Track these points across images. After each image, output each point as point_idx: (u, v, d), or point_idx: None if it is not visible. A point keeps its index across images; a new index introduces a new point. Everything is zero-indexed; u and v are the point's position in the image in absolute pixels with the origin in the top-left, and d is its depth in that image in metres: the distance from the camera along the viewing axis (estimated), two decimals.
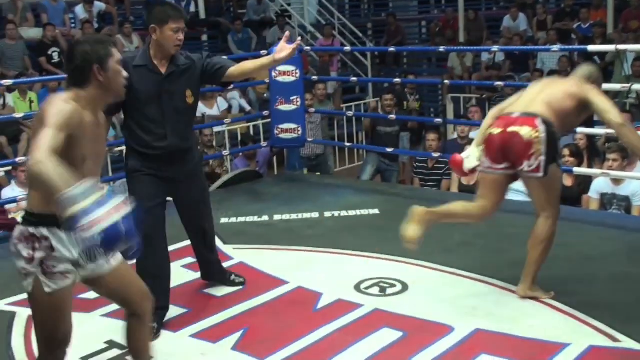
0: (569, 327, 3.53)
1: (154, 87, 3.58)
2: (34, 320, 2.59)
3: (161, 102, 3.59)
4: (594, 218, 5.34)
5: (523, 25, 12.06)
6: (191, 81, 3.69)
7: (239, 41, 12.28)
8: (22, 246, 2.48)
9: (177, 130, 3.65)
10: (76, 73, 2.56)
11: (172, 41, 3.55)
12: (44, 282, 2.48)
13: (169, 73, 3.61)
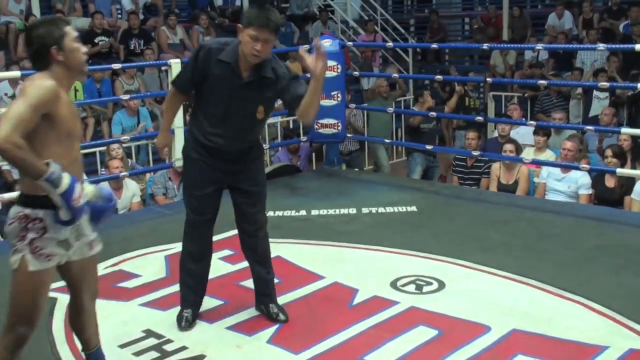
0: (608, 329, 3.48)
1: (229, 88, 3.39)
2: (11, 295, 2.64)
3: (230, 105, 3.42)
4: (636, 220, 5.25)
5: (568, 24, 11.87)
6: (266, 98, 3.48)
7: (281, 35, 12.29)
8: (16, 225, 2.56)
9: (239, 135, 3.50)
10: (36, 57, 2.61)
11: (248, 47, 3.31)
12: (29, 260, 2.56)
13: (249, 81, 3.39)
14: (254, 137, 3.63)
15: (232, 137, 3.48)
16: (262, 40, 3.29)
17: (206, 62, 3.40)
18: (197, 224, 3.69)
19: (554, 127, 7.68)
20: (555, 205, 5.78)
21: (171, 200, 6.61)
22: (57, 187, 2.44)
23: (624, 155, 6.26)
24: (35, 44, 2.60)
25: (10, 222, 2.58)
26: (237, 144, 3.51)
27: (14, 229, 2.57)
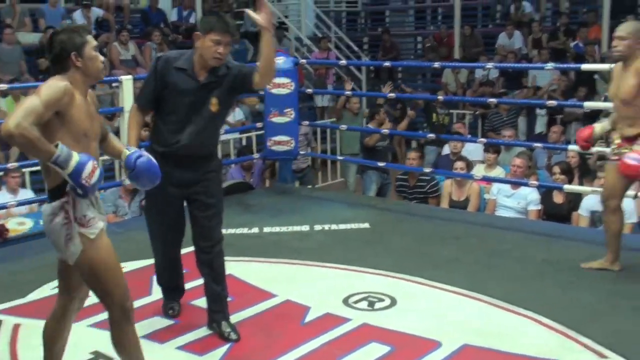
0: (557, 343, 3.53)
1: (187, 92, 3.57)
2: (92, 284, 2.82)
3: (190, 108, 3.59)
4: (584, 235, 5.35)
5: (518, 43, 12.12)
6: (221, 90, 3.65)
7: (235, 52, 12.28)
8: (60, 218, 2.71)
9: (199, 138, 3.62)
10: (56, 61, 2.77)
11: (210, 52, 3.53)
12: (85, 232, 2.73)
13: (205, 83, 3.59)
14: (213, 142, 3.78)
15: (192, 140, 3.60)
16: (223, 43, 3.54)
17: (165, 70, 3.61)
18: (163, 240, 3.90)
19: (503, 144, 7.81)
20: (505, 221, 5.86)
21: (122, 219, 6.52)
22: (64, 168, 2.60)
23: (571, 172, 6.39)
24: (56, 48, 2.76)
25: (50, 218, 2.72)
26: (197, 148, 3.63)
27: (57, 223, 2.71)
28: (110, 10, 12.06)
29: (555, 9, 13.64)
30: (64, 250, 2.75)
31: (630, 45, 4.12)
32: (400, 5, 16.93)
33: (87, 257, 2.75)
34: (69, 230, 2.71)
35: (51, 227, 2.74)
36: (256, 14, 3.46)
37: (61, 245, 2.74)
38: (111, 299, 2.84)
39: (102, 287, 2.82)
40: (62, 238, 2.73)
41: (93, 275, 2.79)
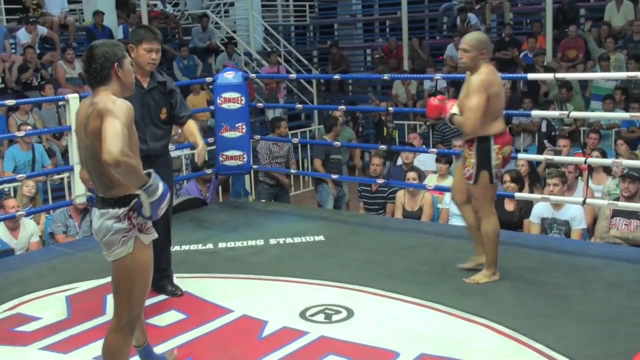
0: (512, 350, 3.57)
1: (137, 98, 3.97)
2: (123, 286, 2.96)
3: (142, 111, 4.16)
4: (535, 242, 5.43)
5: None
6: (166, 101, 4.30)
7: (184, 67, 12.25)
8: (123, 224, 2.90)
9: (155, 136, 4.24)
10: (98, 71, 2.93)
11: (145, 59, 4.15)
12: (141, 237, 2.95)
13: (150, 88, 4.24)
14: (165, 139, 4.36)
15: (150, 139, 4.19)
16: (154, 50, 4.16)
17: None
18: None
19: (455, 154, 7.89)
20: (459, 230, 5.90)
21: (72, 239, 6.40)
22: (150, 196, 2.83)
23: (521, 180, 6.48)
24: (100, 58, 2.92)
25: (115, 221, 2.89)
26: (155, 145, 4.22)
27: (119, 227, 2.89)
28: (54, 28, 11.88)
29: (500, 19, 13.90)
30: (112, 249, 2.92)
31: (474, 56, 4.31)
32: (349, 18, 17.06)
33: (133, 258, 2.94)
34: (128, 234, 2.91)
35: (111, 228, 2.90)
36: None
37: (113, 245, 2.91)
38: (130, 306, 2.98)
39: (126, 294, 2.97)
40: (118, 239, 2.90)
41: (128, 278, 2.95)
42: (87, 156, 2.94)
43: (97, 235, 2.99)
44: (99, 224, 2.94)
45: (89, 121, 2.85)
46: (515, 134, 9.82)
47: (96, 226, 2.96)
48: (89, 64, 2.94)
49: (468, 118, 4.24)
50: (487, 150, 4.30)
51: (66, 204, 6.48)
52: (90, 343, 3.76)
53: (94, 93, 2.96)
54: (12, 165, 7.94)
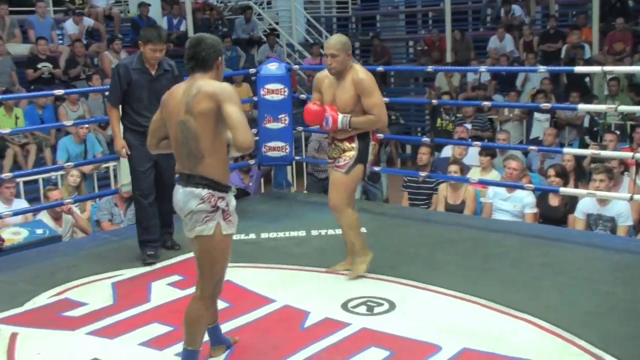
0: (555, 346, 3.54)
1: (146, 83, 4.88)
2: (205, 262, 3.18)
3: (150, 93, 4.81)
4: (580, 238, 5.36)
5: (509, 47, 12.16)
6: (171, 84, 4.38)
7: (227, 59, 12.30)
8: (206, 204, 3.09)
9: None
10: (205, 60, 3.18)
11: (150, 57, 4.86)
12: (223, 226, 3.13)
13: (158, 75, 4.91)
14: None
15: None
16: (159, 50, 4.84)
17: (126, 73, 4.89)
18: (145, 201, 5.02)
19: (498, 147, 7.82)
20: (502, 225, 5.87)
21: (117, 227, 6.50)
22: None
23: (566, 175, 6.40)
24: (209, 48, 3.19)
25: (199, 202, 3.08)
26: None
27: (205, 206, 3.09)
28: (100, 20, 12.05)
29: (545, 12, 13.71)
30: (194, 225, 3.11)
31: (343, 59, 4.30)
32: (391, 9, 16.98)
33: (215, 242, 3.13)
34: (211, 215, 3.09)
35: (196, 208, 3.09)
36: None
37: (196, 222, 3.11)
38: (209, 280, 3.20)
39: (209, 268, 3.19)
40: (201, 217, 3.10)
41: (208, 256, 3.16)
42: (181, 132, 3.11)
43: (180, 212, 3.18)
44: (183, 203, 3.14)
45: (195, 101, 3.07)
46: (560, 127, 9.69)
47: (180, 204, 3.15)
48: (197, 50, 3.17)
49: (381, 114, 4.34)
50: (367, 146, 4.40)
51: (112, 192, 6.59)
52: (135, 329, 3.83)
53: (192, 77, 3.18)
54: (65, 156, 8.09)
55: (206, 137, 3.08)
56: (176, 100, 3.16)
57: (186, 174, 3.14)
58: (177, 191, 3.18)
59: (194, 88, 3.11)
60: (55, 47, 10.76)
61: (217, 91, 3.08)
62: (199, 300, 3.23)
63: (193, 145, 3.09)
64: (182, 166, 3.17)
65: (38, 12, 10.98)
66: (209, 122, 3.07)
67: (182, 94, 3.15)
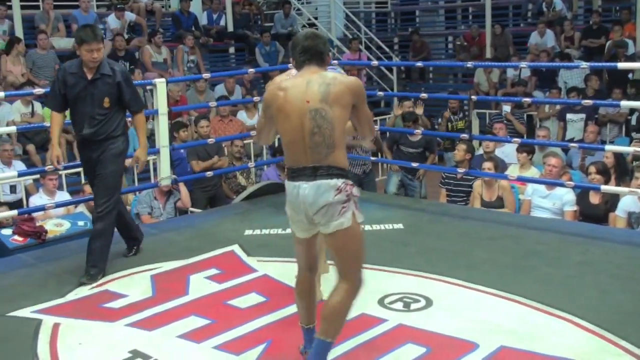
0: (596, 346, 3.49)
1: (82, 88, 4.58)
2: (348, 252, 3.14)
3: (86, 100, 4.58)
4: (621, 236, 5.28)
5: (551, 42, 11.99)
6: (110, 90, 4.61)
7: (266, 54, 12.37)
8: (342, 194, 3.05)
9: (93, 123, 4.58)
10: (322, 53, 3.20)
11: (88, 59, 4.52)
12: (357, 214, 3.10)
13: (94, 79, 4.58)
14: (110, 127, 4.64)
15: (92, 125, 4.58)
16: (95, 50, 4.49)
17: (63, 77, 4.62)
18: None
19: (538, 144, 7.74)
20: (541, 222, 5.81)
21: (157, 220, 6.58)
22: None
23: (607, 172, 6.31)
24: (324, 43, 3.24)
25: (335, 193, 3.04)
26: (96, 131, 4.59)
27: (341, 196, 3.05)
28: (142, 14, 12.18)
29: (588, 6, 13.49)
30: (330, 220, 3.06)
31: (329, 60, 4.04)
32: (430, 5, 16.86)
33: (354, 231, 3.11)
34: (347, 205, 3.05)
35: (334, 199, 3.04)
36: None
37: (332, 215, 3.05)
38: (357, 269, 3.19)
39: (355, 257, 3.18)
40: (338, 209, 3.05)
41: (351, 245, 3.13)
42: (313, 120, 3.05)
43: (309, 207, 3.08)
44: (314, 197, 3.06)
45: (331, 90, 3.06)
46: (602, 124, 9.54)
47: (310, 199, 3.06)
48: (317, 43, 3.19)
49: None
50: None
51: (152, 186, 6.67)
52: (174, 322, 3.88)
53: (310, 69, 3.16)
54: None
55: (339, 127, 3.07)
56: (300, 90, 3.09)
57: (311, 167, 3.07)
58: (297, 187, 3.09)
59: (327, 78, 3.11)
60: None
61: (354, 84, 3.14)
62: (350, 291, 3.17)
63: (327, 134, 3.05)
64: (304, 159, 3.09)
65: (81, 6, 11.14)
66: (343, 113, 3.08)
67: (307, 84, 3.10)
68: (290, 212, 3.21)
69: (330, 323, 3.14)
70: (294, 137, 3.10)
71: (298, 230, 3.22)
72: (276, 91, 3.16)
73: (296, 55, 3.22)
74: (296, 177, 3.10)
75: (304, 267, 3.37)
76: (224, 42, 12.95)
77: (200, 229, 5.69)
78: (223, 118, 9.31)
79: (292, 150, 3.13)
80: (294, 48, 3.25)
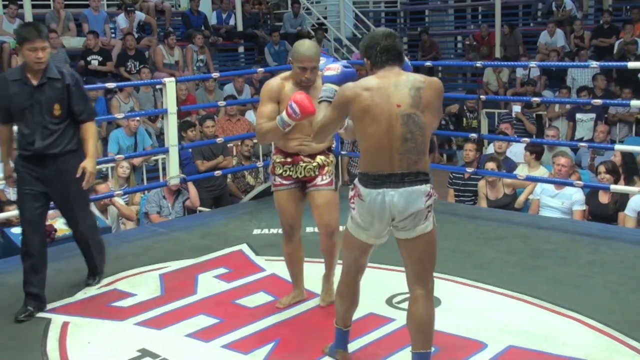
0: (605, 346, 3.48)
1: (27, 96, 4.01)
2: (428, 257, 3.12)
3: (33, 109, 4.01)
4: (631, 236, 5.26)
5: (561, 42, 11.94)
6: (60, 96, 4.06)
7: (275, 53, 12.38)
8: (431, 200, 3.03)
9: (45, 134, 4.04)
10: (402, 55, 3.08)
11: (32, 61, 3.96)
12: (434, 217, 3.08)
13: (39, 85, 4.02)
14: (64, 140, 4.11)
15: (42, 138, 4.03)
16: (40, 48, 3.94)
17: (4, 87, 4.04)
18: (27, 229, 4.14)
19: (547, 143, 7.71)
20: (550, 222, 5.79)
21: (165, 219, 6.60)
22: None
23: (617, 172, 6.28)
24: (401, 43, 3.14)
25: (427, 199, 3.01)
26: (50, 143, 4.05)
27: (431, 201, 3.03)
28: (151, 14, 12.21)
29: (598, 6, 13.43)
30: (417, 224, 3.01)
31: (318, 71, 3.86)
32: (440, 4, 16.83)
33: (434, 235, 3.10)
34: (430, 210, 3.03)
35: (425, 204, 3.00)
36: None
37: (419, 221, 3.01)
38: (433, 269, 3.16)
39: (433, 260, 3.15)
40: (425, 214, 3.01)
41: (431, 248, 3.11)
42: (405, 125, 2.93)
43: (398, 214, 2.98)
44: (405, 204, 2.96)
45: (423, 94, 2.95)
46: (612, 124, 9.50)
47: (400, 206, 2.96)
48: (397, 42, 3.06)
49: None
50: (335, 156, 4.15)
51: (161, 185, 6.69)
52: (182, 321, 3.89)
53: (393, 70, 3.02)
54: (117, 148, 8.25)
55: (428, 132, 2.98)
56: (388, 93, 2.95)
57: (399, 174, 2.95)
58: (382, 194, 2.95)
59: (417, 82, 2.98)
60: (107, 41, 10.95)
61: (442, 89, 3.06)
62: (428, 299, 3.14)
63: (420, 141, 2.95)
64: (389, 165, 2.95)
65: (92, 5, 11.18)
66: (432, 118, 2.99)
67: (394, 86, 2.95)
68: (365, 219, 3.04)
69: (421, 334, 3.15)
70: (380, 142, 2.94)
71: (369, 237, 3.11)
72: (360, 90, 2.98)
73: (374, 54, 3.03)
74: (380, 184, 2.95)
75: (355, 270, 3.35)
76: (233, 42, 12.97)
77: (208, 228, 5.70)
78: (231, 117, 9.32)
79: (375, 155, 2.97)
80: (370, 48, 3.05)
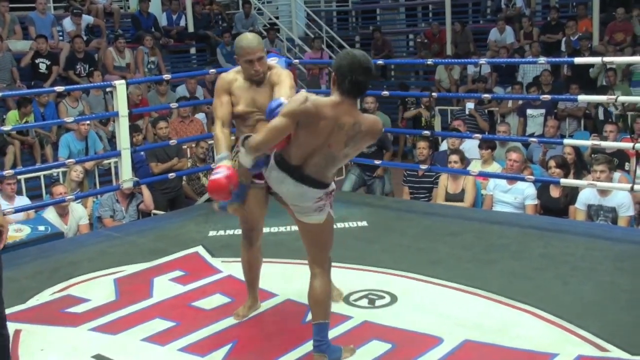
0: (557, 336, 3.54)
1: None
2: (321, 242, 3.47)
3: None
4: (581, 229, 5.36)
5: (510, 38, 12.12)
6: None
7: (227, 54, 12.31)
8: (325, 202, 3.35)
9: None
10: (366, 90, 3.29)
11: None
12: (330, 211, 3.40)
13: None
14: None
15: None
16: None
17: None
18: None
19: (499, 139, 7.82)
20: (503, 217, 5.88)
21: (119, 223, 6.52)
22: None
23: (567, 166, 6.40)
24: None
25: (316, 199, 3.31)
26: None
27: (321, 203, 3.33)
28: (100, 16, 12.03)
29: (546, 3, 13.67)
30: (311, 215, 3.37)
31: (265, 61, 3.89)
32: (391, 3, 16.94)
33: (327, 223, 3.41)
34: (324, 208, 3.36)
35: (314, 205, 3.33)
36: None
37: (310, 212, 3.36)
38: (327, 253, 3.49)
39: (325, 243, 3.48)
40: (315, 209, 3.34)
41: (323, 234, 3.44)
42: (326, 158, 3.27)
43: (297, 202, 3.38)
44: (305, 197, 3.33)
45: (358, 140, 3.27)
46: (561, 119, 9.68)
47: (290, 195, 3.40)
48: (370, 79, 3.21)
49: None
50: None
51: (114, 189, 6.60)
52: (138, 325, 3.85)
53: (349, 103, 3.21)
54: (67, 153, 8.12)
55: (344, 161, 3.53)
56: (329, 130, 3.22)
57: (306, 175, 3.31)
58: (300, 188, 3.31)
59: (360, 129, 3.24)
60: (55, 44, 10.75)
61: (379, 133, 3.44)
62: (322, 277, 3.46)
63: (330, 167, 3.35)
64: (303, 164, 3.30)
65: (38, 8, 10.97)
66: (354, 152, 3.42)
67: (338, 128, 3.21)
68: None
69: (317, 308, 3.38)
70: (305, 148, 3.24)
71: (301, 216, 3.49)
72: (315, 110, 3.16)
73: (345, 81, 3.10)
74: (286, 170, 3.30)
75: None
76: (184, 43, 12.86)
77: (163, 231, 5.65)
78: (184, 119, 9.24)
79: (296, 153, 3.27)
80: (345, 72, 3.09)
